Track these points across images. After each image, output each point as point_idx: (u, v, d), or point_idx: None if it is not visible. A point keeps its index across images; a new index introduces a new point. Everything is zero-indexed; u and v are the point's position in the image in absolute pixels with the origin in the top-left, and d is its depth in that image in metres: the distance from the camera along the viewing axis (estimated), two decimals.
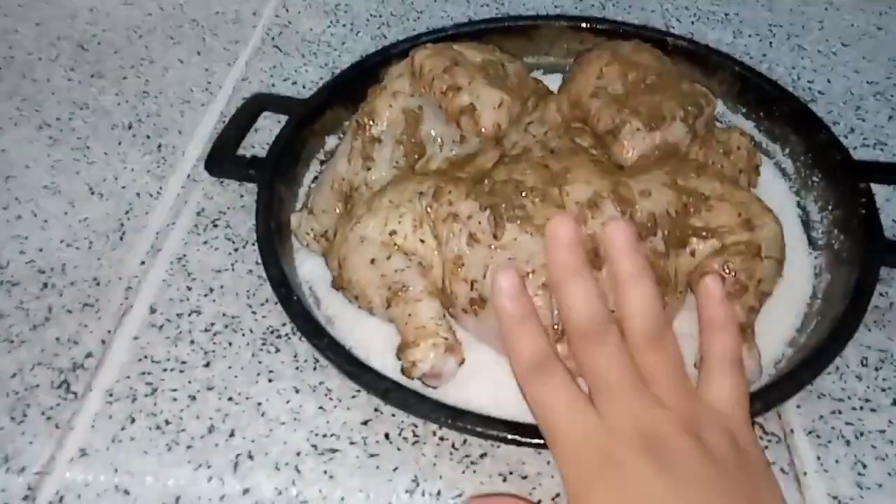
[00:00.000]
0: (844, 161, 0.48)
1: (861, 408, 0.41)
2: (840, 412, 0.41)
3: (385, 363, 0.41)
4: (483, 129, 0.45)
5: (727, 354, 0.35)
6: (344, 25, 0.71)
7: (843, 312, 0.40)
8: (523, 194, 0.41)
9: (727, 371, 0.35)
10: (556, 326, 0.38)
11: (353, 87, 0.55)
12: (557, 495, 0.38)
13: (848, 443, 0.40)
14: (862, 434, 0.40)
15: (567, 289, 0.35)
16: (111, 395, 0.43)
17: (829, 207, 0.48)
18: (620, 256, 0.35)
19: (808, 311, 0.44)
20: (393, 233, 0.42)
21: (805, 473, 0.38)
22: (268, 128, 0.59)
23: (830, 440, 0.40)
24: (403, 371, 0.39)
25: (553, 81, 0.55)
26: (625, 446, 0.32)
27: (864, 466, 0.39)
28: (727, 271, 0.40)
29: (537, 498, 0.38)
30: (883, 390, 0.42)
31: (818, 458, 0.39)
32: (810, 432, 0.40)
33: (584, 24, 0.59)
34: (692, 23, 0.69)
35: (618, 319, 0.35)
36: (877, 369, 0.43)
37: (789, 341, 0.43)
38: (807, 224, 0.49)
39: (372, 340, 0.43)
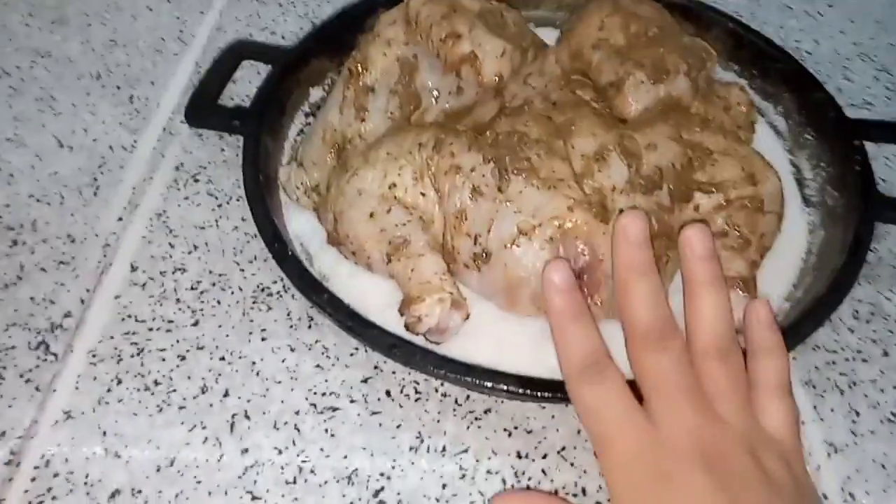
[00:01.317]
0: (839, 119, 0.48)
1: (854, 359, 0.42)
2: (834, 363, 0.42)
3: (384, 320, 0.40)
4: (485, 79, 0.44)
5: (778, 381, 0.33)
6: None
7: (840, 267, 0.40)
8: (528, 146, 0.40)
9: (780, 396, 0.33)
10: None
11: (340, 36, 0.52)
12: (563, 448, 0.38)
13: (842, 392, 0.40)
14: (855, 384, 0.41)
15: (634, 288, 0.33)
16: (94, 355, 0.41)
17: (823, 165, 0.48)
18: (697, 262, 0.33)
19: (804, 265, 0.44)
20: (392, 185, 0.41)
21: (803, 422, 0.39)
22: (246, 78, 0.56)
23: (826, 390, 0.40)
24: (407, 326, 0.38)
25: (544, 35, 0.54)
26: (683, 461, 0.30)
27: (858, 414, 0.40)
28: (731, 226, 0.40)
29: (543, 452, 0.38)
30: (874, 342, 0.43)
31: (814, 407, 0.40)
32: (806, 383, 0.41)
33: None
34: None
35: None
36: (867, 322, 0.43)
37: (787, 295, 0.43)
38: (800, 182, 0.49)
39: (369, 297, 0.42)
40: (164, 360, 0.41)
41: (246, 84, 0.56)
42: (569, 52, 0.47)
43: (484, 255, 0.39)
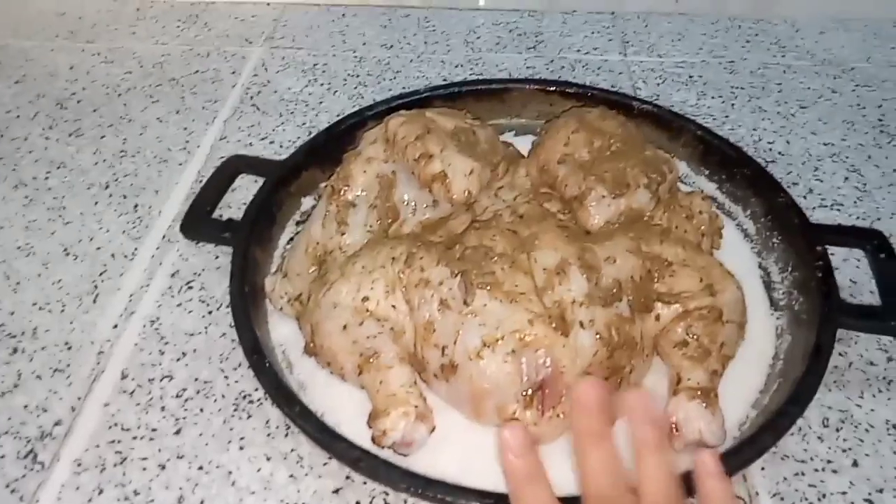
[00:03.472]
0: (801, 224, 0.49)
1: (823, 469, 0.42)
2: (803, 474, 0.42)
3: (357, 430, 0.41)
4: (454, 196, 0.46)
5: None
6: (322, 85, 0.72)
7: (801, 375, 0.41)
8: (493, 260, 0.42)
9: None
10: (524, 393, 0.39)
11: (329, 148, 0.56)
12: None
13: None
14: (824, 496, 0.41)
15: (589, 454, 0.34)
16: (79, 464, 0.42)
17: (789, 269, 0.49)
18: (639, 426, 0.35)
19: (771, 371, 0.45)
20: (365, 298, 0.43)
21: None
22: (245, 187, 0.60)
23: (794, 502, 0.40)
24: (374, 440, 0.39)
25: (524, 142, 0.57)
26: None
27: None
28: (690, 336, 0.41)
29: None
30: (843, 451, 0.43)
31: None
32: (775, 494, 0.41)
33: (552, 87, 0.61)
34: (658, 84, 0.71)
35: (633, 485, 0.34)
36: (837, 430, 0.43)
37: (753, 402, 0.44)
38: (768, 285, 0.50)
39: (344, 406, 0.43)
40: (144, 469, 0.42)
41: (244, 192, 0.60)
42: (537, 166, 0.50)
43: (451, 365, 0.41)
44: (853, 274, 0.52)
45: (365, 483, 0.41)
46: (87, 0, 0.85)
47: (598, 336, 0.40)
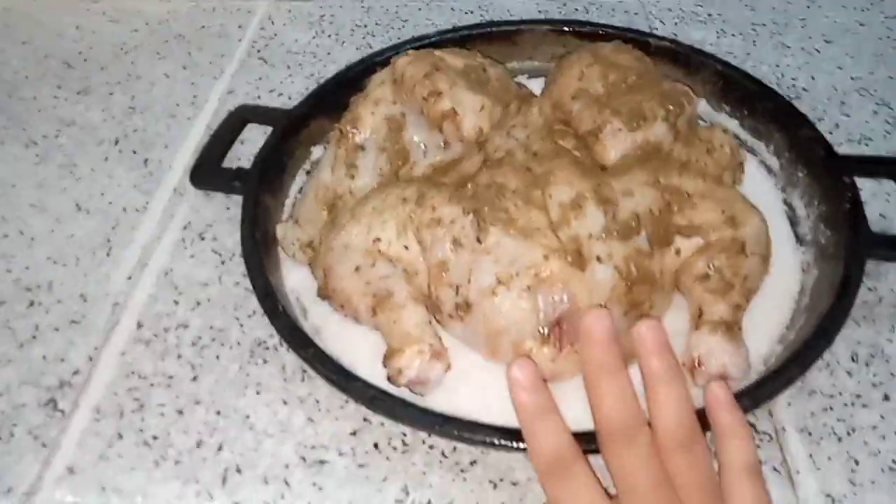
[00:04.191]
0: (828, 155, 0.47)
1: (852, 404, 0.41)
2: (831, 409, 0.41)
3: (373, 372, 0.41)
4: (465, 134, 0.45)
5: (744, 463, 0.33)
6: (329, 36, 0.71)
7: (829, 307, 0.40)
8: (506, 197, 0.41)
9: (746, 481, 0.32)
10: (541, 329, 0.38)
11: (337, 96, 0.55)
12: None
13: (840, 439, 0.39)
14: (853, 430, 0.40)
15: (601, 387, 0.33)
16: (98, 411, 0.42)
17: (815, 203, 0.48)
18: (650, 356, 0.33)
19: (797, 307, 0.44)
20: (377, 240, 0.42)
21: (798, 472, 0.38)
22: (254, 139, 0.59)
23: (822, 437, 0.39)
24: (389, 378, 0.39)
25: (537, 86, 0.55)
26: None
27: (857, 463, 0.38)
28: (712, 268, 0.40)
29: None
30: (874, 385, 0.41)
31: (810, 455, 0.39)
32: (802, 430, 0.40)
33: (566, 28, 0.59)
34: (675, 24, 0.69)
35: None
36: (867, 364, 0.42)
37: (779, 338, 0.42)
38: (793, 220, 0.49)
39: (359, 349, 0.43)
40: (163, 415, 0.42)
41: (253, 144, 0.59)
42: (551, 103, 0.48)
43: (465, 304, 0.40)
44: (883, 208, 0.50)
45: (382, 424, 0.41)
46: None
47: (615, 270, 0.39)
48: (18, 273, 0.50)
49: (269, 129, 0.57)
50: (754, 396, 0.37)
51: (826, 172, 0.47)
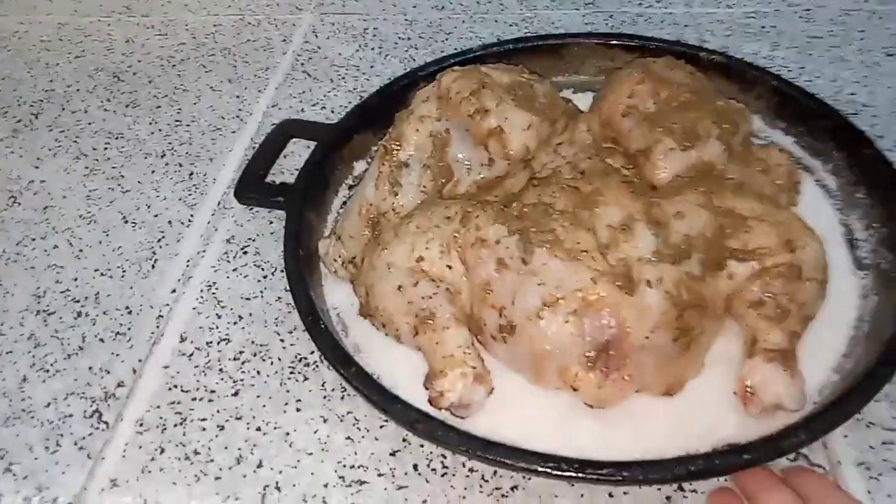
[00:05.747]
0: (890, 175, 0.45)
1: None
2: (892, 443, 0.38)
3: (413, 392, 0.40)
4: (511, 152, 0.44)
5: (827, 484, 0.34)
6: (372, 49, 0.71)
7: (892, 335, 0.38)
8: (553, 217, 0.40)
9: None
10: (587, 354, 0.37)
11: (381, 111, 0.55)
12: None
13: None
14: None
15: None
16: (141, 424, 0.43)
17: (876, 225, 0.46)
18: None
19: (856, 334, 0.42)
20: (420, 259, 0.42)
21: None
22: (298, 153, 0.59)
23: (882, 472, 0.37)
24: (431, 401, 0.38)
25: (584, 100, 0.54)
26: None
27: None
28: (767, 295, 0.39)
29: None
30: None
31: (868, 491, 0.37)
32: (860, 464, 0.38)
33: (614, 41, 0.58)
34: (727, 36, 0.67)
35: None
36: None
37: (835, 367, 0.40)
38: (851, 243, 0.46)
39: (400, 369, 0.42)
40: (204, 429, 0.42)
41: (297, 158, 0.59)
42: (599, 120, 0.47)
43: (509, 326, 0.39)
44: None
45: (422, 446, 0.40)
46: None
47: (666, 295, 0.37)
48: (67, 284, 0.51)
49: (313, 143, 0.57)
50: (810, 429, 0.35)
51: (888, 193, 0.45)
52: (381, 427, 0.41)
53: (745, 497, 0.35)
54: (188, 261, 0.52)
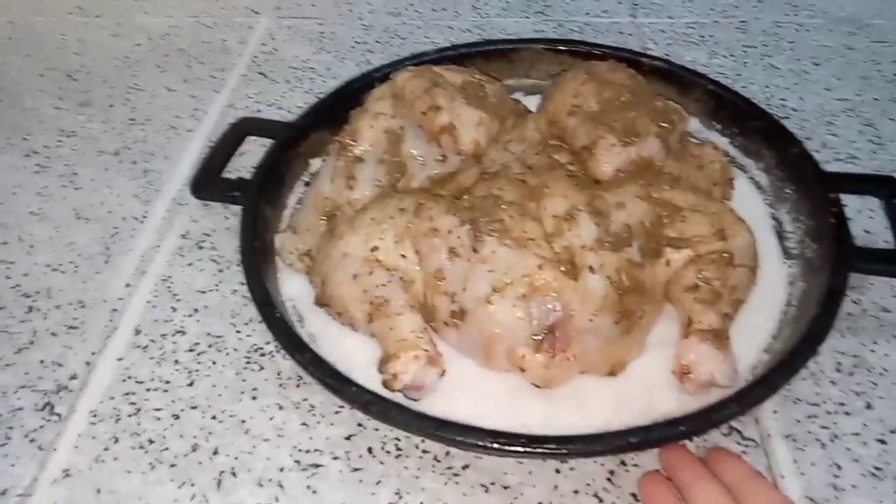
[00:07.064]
0: (815, 173, 0.49)
1: (836, 412, 0.41)
2: (816, 416, 0.41)
3: (368, 378, 0.41)
4: (463, 147, 0.46)
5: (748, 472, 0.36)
6: (329, 53, 0.72)
7: (814, 317, 0.41)
8: (502, 208, 0.42)
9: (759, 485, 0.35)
10: (534, 336, 0.39)
11: (337, 110, 0.56)
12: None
13: (823, 446, 0.40)
14: (837, 437, 0.40)
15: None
16: (95, 415, 0.43)
17: (802, 218, 0.49)
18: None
19: (784, 318, 0.45)
20: (374, 249, 0.43)
21: (783, 476, 0.39)
22: (254, 151, 0.60)
23: (806, 444, 0.40)
24: (384, 383, 0.39)
25: (533, 103, 0.56)
26: None
27: (839, 468, 0.39)
28: (701, 279, 0.41)
29: None
30: (857, 394, 0.42)
31: (794, 461, 0.39)
32: (787, 436, 0.40)
33: (561, 47, 0.61)
34: (668, 45, 0.71)
35: None
36: (850, 374, 0.43)
37: (766, 347, 0.43)
38: (780, 235, 0.50)
39: (355, 356, 0.43)
40: (159, 419, 0.43)
41: (253, 156, 0.60)
42: (547, 119, 0.49)
43: (460, 312, 0.41)
44: (867, 224, 0.52)
45: (377, 429, 0.41)
46: None
47: (607, 280, 0.39)
48: (18, 279, 0.51)
49: (268, 142, 0.58)
50: (742, 402, 0.38)
51: (813, 189, 0.48)
52: (337, 413, 0.42)
53: (676, 486, 0.37)
54: (143, 256, 0.53)
